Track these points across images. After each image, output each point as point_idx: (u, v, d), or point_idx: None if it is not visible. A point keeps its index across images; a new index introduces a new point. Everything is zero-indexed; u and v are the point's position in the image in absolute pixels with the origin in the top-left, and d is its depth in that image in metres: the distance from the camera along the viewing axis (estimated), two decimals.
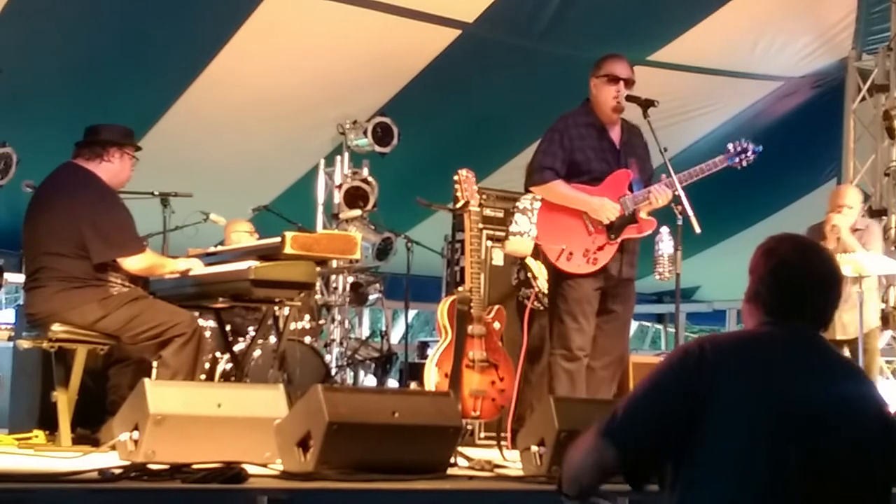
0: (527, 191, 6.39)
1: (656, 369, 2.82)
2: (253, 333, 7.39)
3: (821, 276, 2.90)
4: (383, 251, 9.51)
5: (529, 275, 7.28)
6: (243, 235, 8.29)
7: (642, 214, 6.27)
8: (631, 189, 6.26)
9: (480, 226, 7.12)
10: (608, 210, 6.17)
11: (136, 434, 4.67)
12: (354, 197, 9.73)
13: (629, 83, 6.35)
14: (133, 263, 5.90)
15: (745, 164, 6.42)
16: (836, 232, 8.04)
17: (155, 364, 5.83)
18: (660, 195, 6.20)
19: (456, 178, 6.87)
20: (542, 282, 7.25)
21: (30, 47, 8.49)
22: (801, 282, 2.88)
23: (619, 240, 6.22)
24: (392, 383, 9.74)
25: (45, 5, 8.36)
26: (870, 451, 2.77)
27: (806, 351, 2.85)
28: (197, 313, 6.43)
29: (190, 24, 8.76)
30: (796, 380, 2.76)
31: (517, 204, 7.44)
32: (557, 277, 6.24)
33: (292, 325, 7.64)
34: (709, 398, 2.70)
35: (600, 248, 6.19)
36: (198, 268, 6.12)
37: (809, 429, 2.70)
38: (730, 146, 6.44)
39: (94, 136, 6.10)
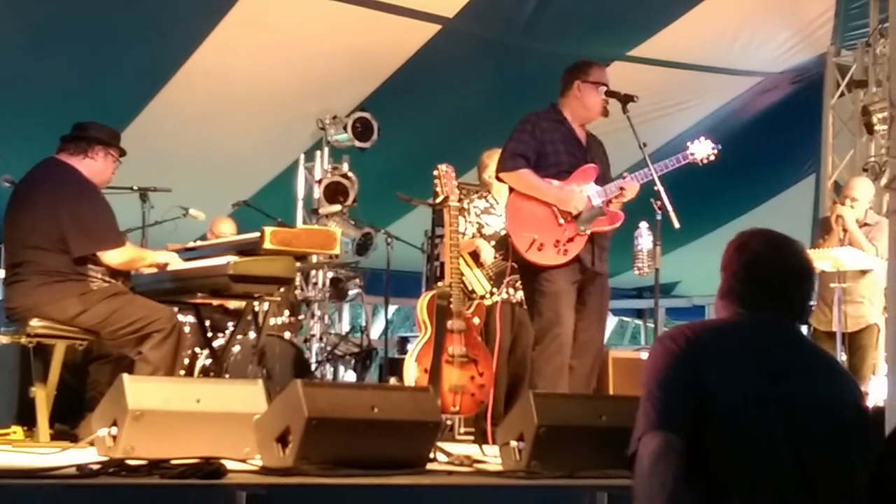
0: (497, 178, 6.45)
1: (655, 358, 2.83)
2: (232, 329, 7.38)
3: (794, 269, 2.93)
4: (363, 246, 9.50)
5: (464, 279, 7.28)
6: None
7: (611, 207, 6.30)
8: (598, 183, 6.30)
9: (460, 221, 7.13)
10: (575, 200, 6.19)
11: (114, 430, 4.65)
12: (334, 192, 9.73)
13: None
14: (113, 257, 5.88)
15: (706, 161, 6.46)
16: (842, 223, 7.99)
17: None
18: (630, 189, 6.24)
19: (436, 173, 6.88)
20: (476, 285, 7.30)
21: (7, 42, 8.45)
22: (775, 275, 2.90)
23: (588, 232, 6.24)
24: (372, 378, 9.73)
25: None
26: (848, 442, 2.81)
27: (783, 340, 2.88)
28: (176, 309, 6.42)
29: (169, 19, 8.73)
30: (777, 368, 2.79)
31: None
32: (533, 272, 6.21)
33: (272, 321, 7.64)
34: (701, 382, 2.73)
35: (570, 240, 6.20)
36: (175, 262, 6.11)
37: (791, 417, 2.73)
38: (689, 144, 6.51)
39: (81, 132, 6.09)
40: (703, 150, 6.49)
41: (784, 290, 2.90)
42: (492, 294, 7.42)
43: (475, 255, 7.49)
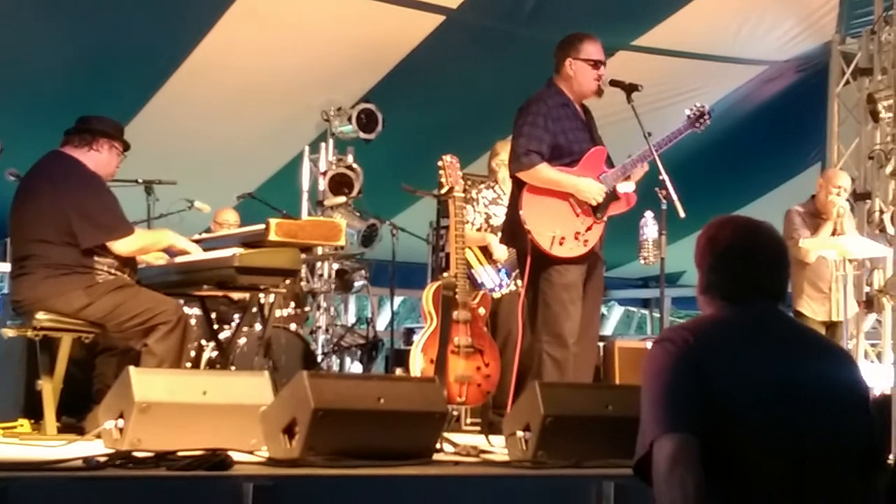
0: (512, 176, 6.34)
1: (655, 362, 2.76)
2: (238, 321, 7.38)
3: (769, 252, 2.89)
4: (368, 238, 9.49)
5: (473, 272, 7.28)
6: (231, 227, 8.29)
7: (621, 189, 6.26)
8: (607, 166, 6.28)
9: (465, 211, 7.12)
10: (596, 190, 6.16)
11: (121, 422, 4.67)
12: (339, 184, 9.72)
13: (604, 66, 6.34)
14: (123, 246, 5.87)
15: (703, 127, 6.42)
16: (843, 216, 8.08)
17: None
18: (637, 170, 6.22)
19: (440, 163, 6.87)
20: (486, 278, 7.30)
21: (12, 36, 8.45)
22: (750, 262, 2.87)
23: (605, 218, 6.21)
24: (378, 370, 9.74)
25: None
26: (847, 423, 2.79)
27: (777, 327, 2.85)
28: (182, 301, 6.42)
29: (173, 12, 8.73)
30: (780, 357, 2.77)
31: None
32: (544, 262, 6.12)
33: (277, 313, 7.64)
34: (707, 383, 2.69)
35: (588, 229, 6.16)
36: (196, 253, 6.09)
37: (792, 404, 2.71)
38: (688, 111, 6.43)
39: (85, 125, 6.10)
40: (695, 110, 6.43)
41: (762, 275, 2.87)
42: (500, 288, 7.43)
43: (485, 250, 7.49)
